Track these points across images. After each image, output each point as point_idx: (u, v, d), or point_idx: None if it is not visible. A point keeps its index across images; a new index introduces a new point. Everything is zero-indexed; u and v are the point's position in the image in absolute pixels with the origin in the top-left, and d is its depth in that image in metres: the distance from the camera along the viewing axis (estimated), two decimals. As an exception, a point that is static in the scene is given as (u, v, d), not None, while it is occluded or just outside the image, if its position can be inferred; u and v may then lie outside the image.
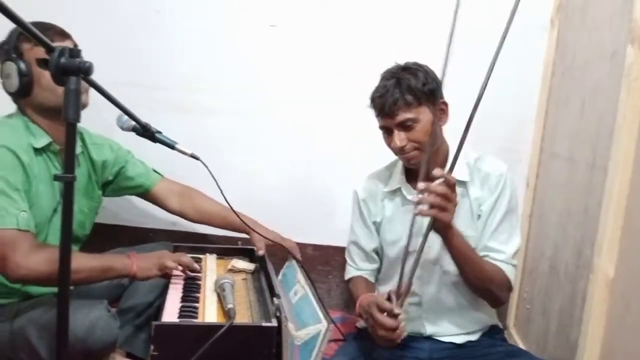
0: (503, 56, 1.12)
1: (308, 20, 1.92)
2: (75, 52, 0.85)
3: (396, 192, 1.51)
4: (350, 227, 1.62)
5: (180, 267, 1.46)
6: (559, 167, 1.62)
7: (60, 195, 1.41)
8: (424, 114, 1.36)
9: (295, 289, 1.50)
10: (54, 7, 1.82)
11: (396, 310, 1.22)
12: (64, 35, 1.41)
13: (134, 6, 1.91)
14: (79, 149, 1.54)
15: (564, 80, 1.68)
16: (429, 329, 1.46)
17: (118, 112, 1.24)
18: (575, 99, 1.54)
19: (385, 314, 1.23)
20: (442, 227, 1.22)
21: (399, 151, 1.40)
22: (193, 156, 1.48)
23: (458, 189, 1.28)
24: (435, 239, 1.32)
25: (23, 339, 1.30)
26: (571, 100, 1.58)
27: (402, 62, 1.42)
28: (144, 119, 1.38)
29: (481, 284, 1.36)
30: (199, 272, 1.52)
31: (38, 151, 1.39)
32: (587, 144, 1.40)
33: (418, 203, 1.17)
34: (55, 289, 0.92)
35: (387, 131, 1.41)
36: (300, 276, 1.55)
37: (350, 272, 1.62)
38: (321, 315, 1.24)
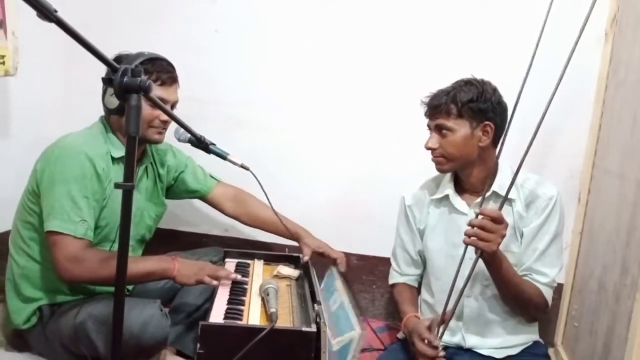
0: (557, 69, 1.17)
1: (353, 34, 1.96)
2: (136, 71, 0.93)
3: (442, 200, 1.53)
4: (396, 232, 1.66)
5: (215, 282, 1.48)
6: (610, 183, 1.58)
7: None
8: (462, 127, 1.39)
9: (334, 297, 1.54)
10: (118, 27, 1.99)
11: (435, 342, 1.29)
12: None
13: (193, 26, 2.02)
14: (148, 160, 1.65)
15: (617, 95, 1.64)
16: (469, 342, 1.47)
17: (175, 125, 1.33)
18: (628, 114, 1.51)
19: (426, 341, 1.30)
20: (487, 255, 1.28)
21: (430, 151, 1.45)
22: (243, 166, 1.56)
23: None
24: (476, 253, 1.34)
25: (84, 333, 1.40)
26: (623, 115, 1.55)
27: (477, 76, 1.45)
28: (199, 131, 1.47)
29: (519, 303, 1.41)
30: (240, 281, 1.53)
31: (115, 160, 1.49)
32: (638, 161, 1.37)
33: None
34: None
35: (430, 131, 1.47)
36: (338, 285, 1.59)
37: (394, 277, 1.65)
38: (354, 323, 1.27)
